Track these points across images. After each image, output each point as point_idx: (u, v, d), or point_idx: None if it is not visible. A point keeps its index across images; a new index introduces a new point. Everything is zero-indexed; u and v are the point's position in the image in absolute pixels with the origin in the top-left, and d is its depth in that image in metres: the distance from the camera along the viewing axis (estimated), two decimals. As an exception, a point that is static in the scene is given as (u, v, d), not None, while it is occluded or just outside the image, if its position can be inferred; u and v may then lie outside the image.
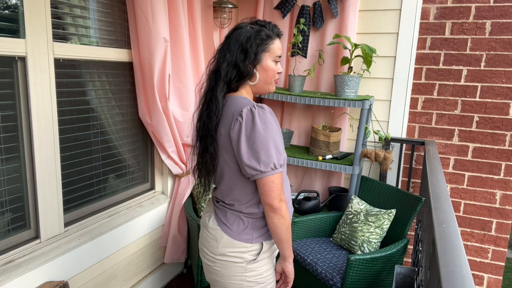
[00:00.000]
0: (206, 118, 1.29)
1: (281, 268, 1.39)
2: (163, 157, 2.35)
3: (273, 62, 1.31)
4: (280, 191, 1.23)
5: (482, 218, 2.67)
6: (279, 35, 1.33)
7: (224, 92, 1.28)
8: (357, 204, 2.42)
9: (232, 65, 1.27)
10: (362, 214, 2.34)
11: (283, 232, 1.26)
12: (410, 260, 2.85)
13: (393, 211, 2.27)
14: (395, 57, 2.66)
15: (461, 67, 2.58)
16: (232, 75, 1.27)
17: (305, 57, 2.84)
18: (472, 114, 2.61)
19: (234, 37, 1.28)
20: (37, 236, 1.77)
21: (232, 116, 1.23)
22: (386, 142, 2.70)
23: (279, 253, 1.38)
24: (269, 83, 1.33)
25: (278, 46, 1.31)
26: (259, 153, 1.18)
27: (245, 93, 1.33)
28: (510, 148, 2.55)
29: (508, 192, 2.59)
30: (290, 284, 1.41)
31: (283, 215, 1.24)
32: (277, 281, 1.47)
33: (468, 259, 2.23)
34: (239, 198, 1.30)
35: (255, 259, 1.32)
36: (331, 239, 2.49)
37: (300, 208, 2.60)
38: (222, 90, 1.27)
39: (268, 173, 1.20)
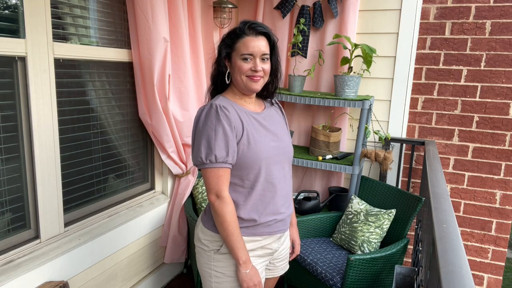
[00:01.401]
0: None
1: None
2: (163, 157, 2.35)
3: (241, 60, 1.30)
4: (216, 186, 1.28)
5: (482, 218, 2.67)
6: (248, 32, 1.30)
7: (211, 92, 1.44)
8: (357, 204, 2.42)
9: (213, 67, 1.39)
10: (362, 214, 2.34)
11: (219, 228, 1.31)
12: (410, 260, 2.85)
13: (393, 211, 2.27)
14: (395, 57, 2.66)
15: (461, 67, 2.58)
16: (213, 75, 1.40)
17: (305, 57, 2.84)
18: (472, 114, 2.61)
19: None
20: (37, 236, 1.77)
21: None
22: (386, 142, 2.70)
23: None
24: (241, 81, 1.33)
25: (245, 44, 1.29)
26: (194, 146, 1.31)
27: (230, 93, 1.40)
28: (510, 148, 2.55)
29: (508, 192, 2.59)
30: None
31: (216, 210, 1.29)
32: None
33: (468, 259, 2.23)
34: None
35: (219, 250, 1.35)
36: (331, 239, 2.49)
37: (300, 208, 2.60)
38: (209, 90, 1.44)
39: (199, 166, 1.30)
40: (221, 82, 1.39)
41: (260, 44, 1.30)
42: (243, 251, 1.29)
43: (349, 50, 2.50)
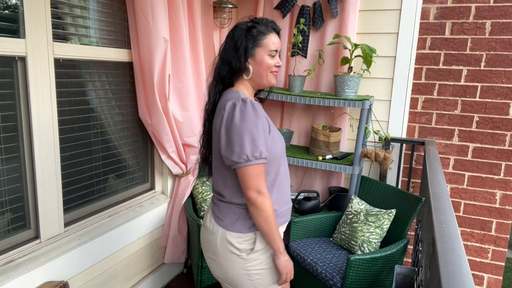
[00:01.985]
0: (204, 113, 1.42)
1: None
2: (163, 157, 2.35)
3: (268, 56, 1.34)
4: (257, 182, 1.26)
5: (482, 218, 2.67)
6: (275, 29, 1.38)
7: (219, 88, 1.37)
8: (357, 204, 2.42)
9: (225, 63, 1.34)
10: (362, 214, 2.34)
11: (261, 224, 1.29)
12: (410, 260, 2.85)
13: (393, 211, 2.27)
14: (395, 57, 2.66)
15: (461, 67, 2.58)
16: (224, 72, 1.35)
17: (305, 57, 2.84)
18: (472, 114, 2.61)
19: (229, 36, 1.36)
20: (37, 236, 1.77)
21: (219, 109, 1.32)
22: (386, 142, 2.70)
23: None
24: (265, 76, 1.37)
25: (272, 41, 1.35)
26: (234, 144, 1.24)
27: (242, 88, 1.38)
28: (510, 148, 2.55)
29: (508, 192, 2.59)
30: (285, 279, 1.39)
31: (258, 206, 1.27)
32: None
33: (468, 259, 2.23)
34: (229, 188, 1.35)
35: (253, 248, 1.34)
36: (331, 239, 2.49)
37: (300, 208, 2.60)
38: (216, 87, 1.37)
39: (241, 164, 1.25)
40: (232, 78, 1.36)
41: (279, 41, 1.39)
42: (281, 240, 1.34)
43: (349, 50, 2.50)
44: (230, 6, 2.56)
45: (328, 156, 2.60)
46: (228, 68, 1.34)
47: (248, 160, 1.24)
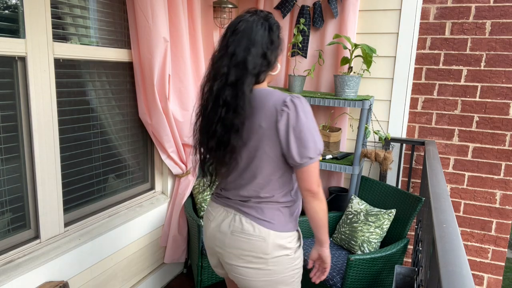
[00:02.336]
0: (227, 113, 1.22)
1: (317, 254, 1.39)
2: (163, 157, 2.35)
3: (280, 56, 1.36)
4: (318, 176, 1.28)
5: (482, 218, 2.67)
6: None
7: (252, 85, 1.25)
8: (357, 204, 2.42)
9: (261, 57, 1.23)
10: (362, 214, 2.34)
11: (322, 216, 1.30)
12: (410, 260, 2.85)
13: (393, 211, 2.27)
14: (395, 57, 2.66)
15: (461, 67, 2.58)
16: (262, 67, 1.24)
17: (305, 57, 2.84)
18: (472, 114, 2.61)
19: (250, 29, 1.22)
20: (37, 236, 1.77)
21: (275, 108, 1.22)
22: (386, 142, 2.70)
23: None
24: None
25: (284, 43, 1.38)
26: (308, 141, 1.22)
27: (265, 84, 1.34)
28: (510, 148, 2.55)
29: (508, 192, 2.59)
30: (328, 270, 1.41)
31: (322, 199, 1.29)
32: (310, 269, 1.47)
33: (468, 259, 2.23)
34: (277, 188, 1.31)
35: (299, 245, 1.37)
36: (331, 239, 2.49)
37: (300, 208, 2.60)
38: (250, 84, 1.23)
39: (314, 160, 1.25)
40: (265, 74, 1.29)
41: None
42: None
43: (349, 50, 2.50)
44: (230, 6, 2.56)
45: (328, 156, 2.60)
46: (266, 63, 1.25)
47: (319, 154, 1.25)
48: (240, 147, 1.26)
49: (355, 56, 2.49)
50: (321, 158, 2.57)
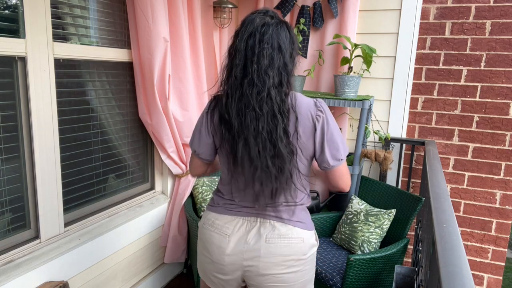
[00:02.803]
0: (273, 121, 1.17)
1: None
2: (163, 157, 2.35)
3: None
4: (349, 176, 1.35)
5: (482, 218, 2.67)
6: None
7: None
8: (357, 204, 2.42)
9: (293, 61, 1.24)
10: (362, 214, 2.34)
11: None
12: (410, 260, 2.85)
13: (393, 211, 2.27)
14: (395, 57, 2.66)
15: (461, 67, 2.58)
16: (292, 71, 1.24)
17: (305, 57, 2.84)
18: (472, 114, 2.61)
19: (290, 32, 1.23)
20: (37, 236, 1.77)
21: (310, 113, 1.23)
22: (386, 142, 2.70)
23: None
24: None
25: None
26: (338, 143, 1.26)
27: None
28: (510, 148, 2.55)
29: (508, 192, 2.59)
30: None
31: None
32: None
33: (468, 259, 2.23)
34: (305, 191, 1.35)
35: (317, 241, 1.39)
36: (331, 239, 2.49)
37: (300, 208, 2.60)
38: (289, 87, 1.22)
39: (344, 160, 1.29)
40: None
41: None
42: None
43: (349, 50, 2.50)
44: (230, 6, 2.56)
45: (328, 156, 2.59)
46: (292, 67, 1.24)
47: (346, 155, 1.30)
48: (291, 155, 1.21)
49: (355, 56, 2.49)
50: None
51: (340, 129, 2.71)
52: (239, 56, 1.18)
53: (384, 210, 2.29)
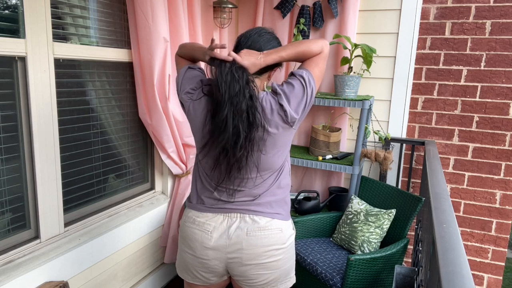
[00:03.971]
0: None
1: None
2: (163, 157, 2.35)
3: None
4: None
5: (482, 218, 2.67)
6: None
7: None
8: (357, 204, 2.42)
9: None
10: (362, 214, 2.34)
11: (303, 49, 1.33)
12: (410, 260, 2.85)
13: (393, 211, 2.27)
14: (395, 57, 2.66)
15: (461, 67, 2.58)
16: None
17: (305, 57, 2.83)
18: (472, 114, 2.61)
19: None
20: (37, 236, 1.77)
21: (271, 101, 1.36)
22: (386, 142, 2.70)
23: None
24: None
25: None
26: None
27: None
28: (510, 148, 2.55)
29: (508, 192, 2.59)
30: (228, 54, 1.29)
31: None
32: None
33: (468, 259, 2.23)
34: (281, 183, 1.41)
35: (294, 228, 1.43)
36: (331, 239, 2.49)
37: (300, 208, 2.60)
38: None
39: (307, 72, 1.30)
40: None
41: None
42: None
43: (349, 50, 2.50)
44: (230, 6, 2.56)
45: (328, 156, 2.60)
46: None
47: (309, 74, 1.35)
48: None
49: (355, 56, 2.49)
50: (321, 158, 2.57)
51: (340, 129, 2.70)
52: None
53: (384, 210, 2.29)
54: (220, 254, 1.33)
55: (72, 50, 1.82)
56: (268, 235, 1.32)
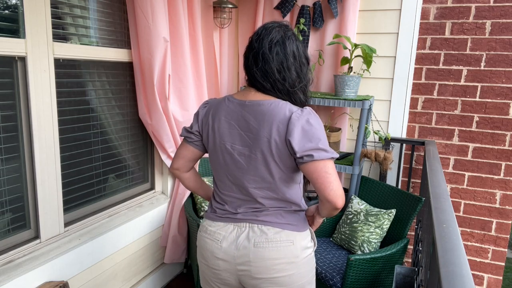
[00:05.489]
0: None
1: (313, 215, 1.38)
2: (163, 157, 2.35)
3: None
4: (338, 182, 1.27)
5: (482, 218, 2.67)
6: None
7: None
8: (357, 204, 2.42)
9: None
10: (362, 214, 2.34)
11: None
12: (410, 260, 2.85)
13: (393, 211, 2.27)
14: (395, 57, 2.66)
15: (461, 67, 2.58)
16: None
17: (305, 57, 2.83)
18: (472, 114, 2.61)
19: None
20: (37, 236, 1.77)
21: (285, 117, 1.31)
22: (386, 142, 2.70)
23: None
24: None
25: None
26: (314, 135, 1.27)
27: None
28: (510, 148, 2.55)
29: (508, 192, 2.59)
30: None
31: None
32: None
33: (468, 259, 2.23)
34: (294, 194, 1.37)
35: (314, 242, 1.35)
36: (331, 239, 2.49)
37: (300, 208, 2.60)
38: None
39: (322, 155, 1.20)
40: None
41: None
42: None
43: (349, 50, 2.50)
44: (230, 6, 2.56)
45: (328, 156, 2.59)
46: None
47: (328, 150, 1.28)
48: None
49: (355, 56, 2.49)
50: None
51: (340, 129, 2.71)
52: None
53: (384, 210, 2.29)
54: (229, 266, 1.28)
55: (72, 50, 1.82)
56: (277, 247, 1.23)
